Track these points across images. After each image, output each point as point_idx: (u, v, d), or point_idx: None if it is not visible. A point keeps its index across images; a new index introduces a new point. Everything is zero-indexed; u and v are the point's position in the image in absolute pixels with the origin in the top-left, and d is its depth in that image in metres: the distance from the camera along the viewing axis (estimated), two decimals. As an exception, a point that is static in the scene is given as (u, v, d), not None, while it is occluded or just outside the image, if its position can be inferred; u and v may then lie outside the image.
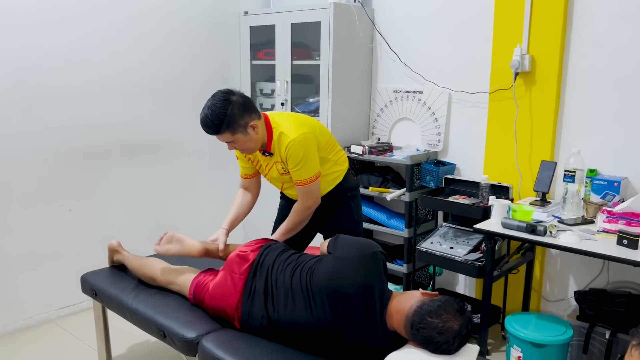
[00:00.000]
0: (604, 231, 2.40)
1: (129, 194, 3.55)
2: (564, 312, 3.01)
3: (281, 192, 2.70)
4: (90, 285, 2.52)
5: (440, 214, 3.47)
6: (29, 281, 3.16)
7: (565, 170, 2.63)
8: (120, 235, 3.52)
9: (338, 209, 2.57)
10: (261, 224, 4.03)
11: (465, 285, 3.44)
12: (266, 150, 2.36)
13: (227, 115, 2.16)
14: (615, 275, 2.83)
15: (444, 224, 3.21)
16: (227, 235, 2.51)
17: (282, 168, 2.39)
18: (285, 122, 2.34)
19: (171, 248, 2.41)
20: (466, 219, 3.08)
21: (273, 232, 2.64)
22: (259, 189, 2.68)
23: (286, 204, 2.68)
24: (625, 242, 2.21)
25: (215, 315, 2.14)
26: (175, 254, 2.40)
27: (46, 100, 3.09)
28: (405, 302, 1.83)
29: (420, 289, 1.89)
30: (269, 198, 3.91)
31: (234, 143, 2.27)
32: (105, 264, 3.35)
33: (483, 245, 2.90)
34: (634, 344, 1.14)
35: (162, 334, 2.08)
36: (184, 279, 2.32)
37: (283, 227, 2.47)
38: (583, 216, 2.60)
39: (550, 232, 2.34)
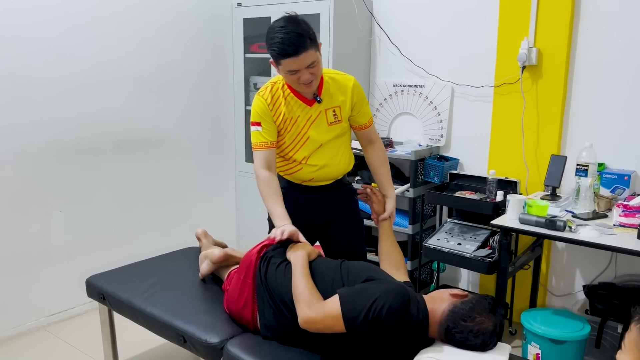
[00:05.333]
0: (620, 225, 2.38)
1: (121, 191, 3.39)
2: (572, 307, 3.01)
3: (288, 183, 2.33)
4: (97, 289, 2.39)
5: (443, 210, 3.43)
6: (17, 286, 2.99)
7: (577, 164, 2.61)
8: (113, 235, 3.38)
9: (344, 207, 2.40)
10: (254, 225, 3.94)
11: (468, 281, 3.41)
12: (317, 95, 2.15)
13: (307, 29, 1.95)
14: (623, 269, 2.83)
15: (449, 219, 3.17)
16: None
17: (334, 114, 2.20)
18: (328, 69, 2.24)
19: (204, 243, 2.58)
20: (471, 214, 3.05)
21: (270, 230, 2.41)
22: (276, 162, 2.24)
23: (293, 195, 2.30)
24: (646, 236, 2.19)
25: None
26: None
27: (35, 94, 2.92)
28: (435, 305, 1.78)
29: (448, 289, 1.83)
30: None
31: (314, 66, 2.00)
32: (100, 267, 3.20)
33: (491, 240, 2.88)
34: (635, 319, 1.19)
35: (182, 339, 1.97)
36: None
37: (388, 176, 2.37)
38: (594, 210, 2.59)
39: (570, 228, 2.32)
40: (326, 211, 2.35)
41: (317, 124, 2.19)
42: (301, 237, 2.02)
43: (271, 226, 2.43)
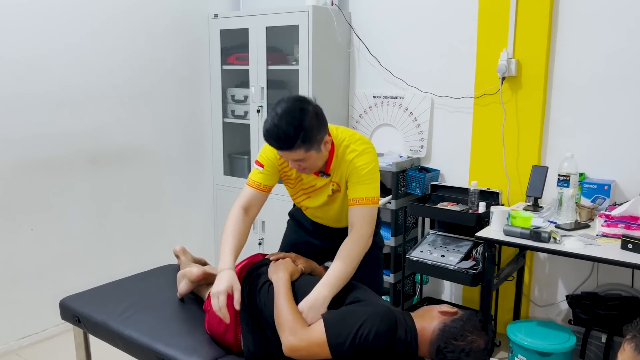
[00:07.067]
0: (603, 235, 2.39)
1: (96, 208, 3.28)
2: (556, 317, 3.01)
3: (298, 212, 2.32)
4: (72, 311, 2.28)
5: (425, 221, 3.41)
6: (-14, 309, 2.86)
7: (559, 175, 2.61)
8: (87, 254, 3.26)
9: None
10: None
11: (451, 292, 3.39)
12: (324, 172, 1.98)
13: (304, 127, 1.75)
14: (604, 278, 2.84)
15: (431, 231, 3.15)
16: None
17: (333, 189, 2.02)
18: (348, 134, 1.99)
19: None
20: (453, 225, 3.03)
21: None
22: (260, 208, 2.09)
23: (300, 226, 2.32)
24: (630, 246, 2.20)
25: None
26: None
27: (3, 109, 2.81)
28: (425, 323, 1.74)
29: (437, 306, 1.79)
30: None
31: (303, 161, 1.84)
32: (74, 288, 3.08)
33: (474, 252, 2.86)
34: (628, 338, 1.17)
35: (163, 363, 1.89)
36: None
37: (333, 276, 1.81)
38: (577, 220, 2.59)
39: (554, 239, 2.31)
40: (330, 241, 2.21)
41: (319, 193, 2.08)
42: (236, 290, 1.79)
43: (288, 230, 2.40)
